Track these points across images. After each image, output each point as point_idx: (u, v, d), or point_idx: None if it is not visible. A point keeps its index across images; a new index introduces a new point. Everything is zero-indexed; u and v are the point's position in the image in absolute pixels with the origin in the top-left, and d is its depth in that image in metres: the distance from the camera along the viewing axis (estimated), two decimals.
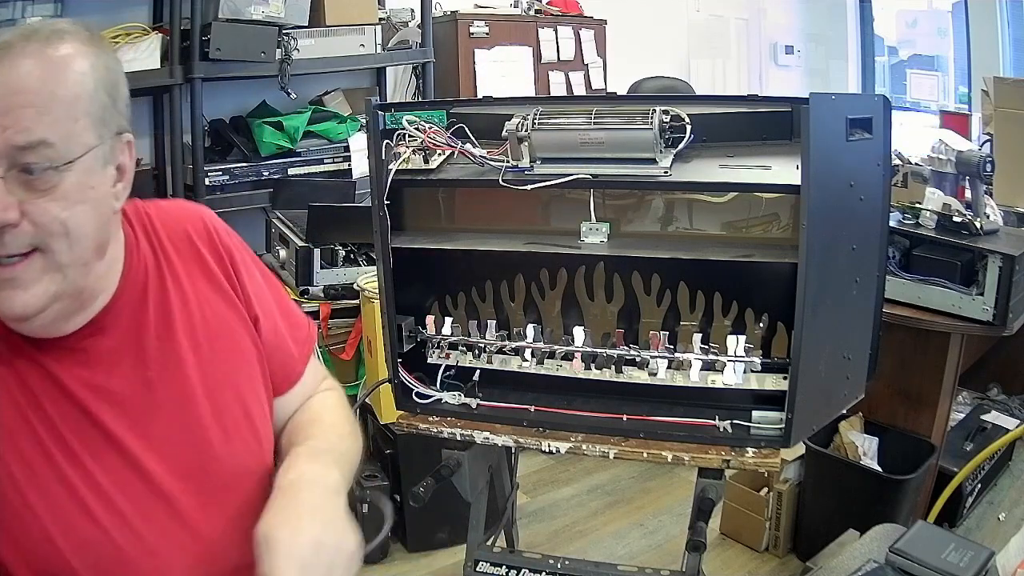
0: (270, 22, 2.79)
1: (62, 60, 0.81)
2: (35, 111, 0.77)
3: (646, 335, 1.49)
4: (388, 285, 1.49)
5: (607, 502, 2.77)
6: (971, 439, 2.53)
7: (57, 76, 0.80)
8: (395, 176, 1.44)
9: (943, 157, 2.17)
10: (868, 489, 2.21)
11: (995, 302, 1.95)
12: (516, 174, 1.39)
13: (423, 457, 2.11)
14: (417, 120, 1.44)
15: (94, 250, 0.86)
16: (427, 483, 1.48)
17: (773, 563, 2.41)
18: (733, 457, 1.37)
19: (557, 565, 1.52)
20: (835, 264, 1.32)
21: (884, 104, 1.37)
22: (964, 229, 2.04)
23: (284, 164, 2.95)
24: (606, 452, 1.42)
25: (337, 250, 2.52)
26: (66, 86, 0.80)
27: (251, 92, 3.07)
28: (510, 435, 1.47)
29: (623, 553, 2.48)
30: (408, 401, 1.55)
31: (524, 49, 3.70)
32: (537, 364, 1.53)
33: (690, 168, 1.34)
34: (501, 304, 1.61)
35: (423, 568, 2.43)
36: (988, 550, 1.28)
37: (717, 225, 1.47)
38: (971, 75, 4.77)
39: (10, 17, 2.56)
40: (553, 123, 1.37)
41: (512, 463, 1.88)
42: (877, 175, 1.38)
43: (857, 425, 2.34)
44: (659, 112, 1.32)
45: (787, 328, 1.40)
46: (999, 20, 4.66)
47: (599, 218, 1.44)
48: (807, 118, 1.20)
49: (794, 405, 1.32)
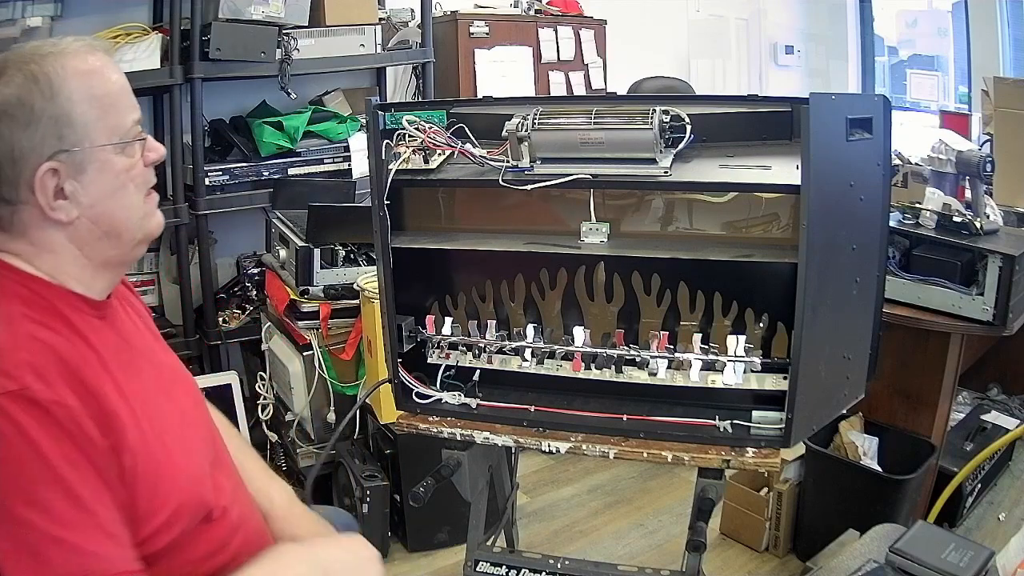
0: (270, 22, 2.78)
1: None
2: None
3: (646, 335, 1.49)
4: (388, 285, 1.49)
5: (607, 502, 2.77)
6: (971, 439, 2.54)
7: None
8: (395, 176, 1.44)
9: (943, 157, 2.17)
10: (868, 489, 2.21)
11: (995, 302, 1.95)
12: (516, 174, 1.39)
13: (423, 457, 2.11)
14: (417, 120, 1.44)
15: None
16: (427, 483, 1.48)
17: (773, 563, 2.41)
18: (733, 457, 1.37)
19: (557, 565, 1.52)
20: (835, 264, 1.32)
21: (884, 104, 1.37)
22: (964, 229, 2.04)
23: (284, 164, 2.95)
24: (606, 452, 1.42)
25: (337, 250, 2.52)
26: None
27: (251, 92, 3.07)
28: (510, 435, 1.48)
29: (623, 553, 2.48)
30: (408, 401, 1.56)
31: (524, 49, 3.70)
32: (537, 364, 1.53)
33: (690, 168, 1.34)
34: (501, 304, 1.61)
35: (423, 568, 2.43)
36: (988, 550, 1.28)
37: (717, 225, 1.47)
38: (971, 75, 4.77)
39: (10, 17, 2.55)
40: (553, 123, 1.37)
41: (512, 463, 1.88)
42: (877, 175, 1.38)
43: (857, 425, 2.34)
44: (659, 112, 1.32)
45: (787, 328, 1.40)
46: (999, 20, 4.66)
47: (599, 218, 1.45)
48: (807, 118, 1.20)
49: (794, 405, 1.32)
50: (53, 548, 0.86)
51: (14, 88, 0.96)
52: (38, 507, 0.86)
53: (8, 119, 0.95)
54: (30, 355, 0.92)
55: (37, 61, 0.97)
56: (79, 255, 1.02)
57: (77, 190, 0.99)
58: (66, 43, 1.01)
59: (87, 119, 0.99)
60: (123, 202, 1.04)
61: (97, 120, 1.00)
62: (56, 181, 0.98)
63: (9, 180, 0.97)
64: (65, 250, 1.01)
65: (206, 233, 2.86)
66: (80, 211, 1.00)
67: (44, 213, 0.98)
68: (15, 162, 0.96)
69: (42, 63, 0.97)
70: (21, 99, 0.95)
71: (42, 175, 0.96)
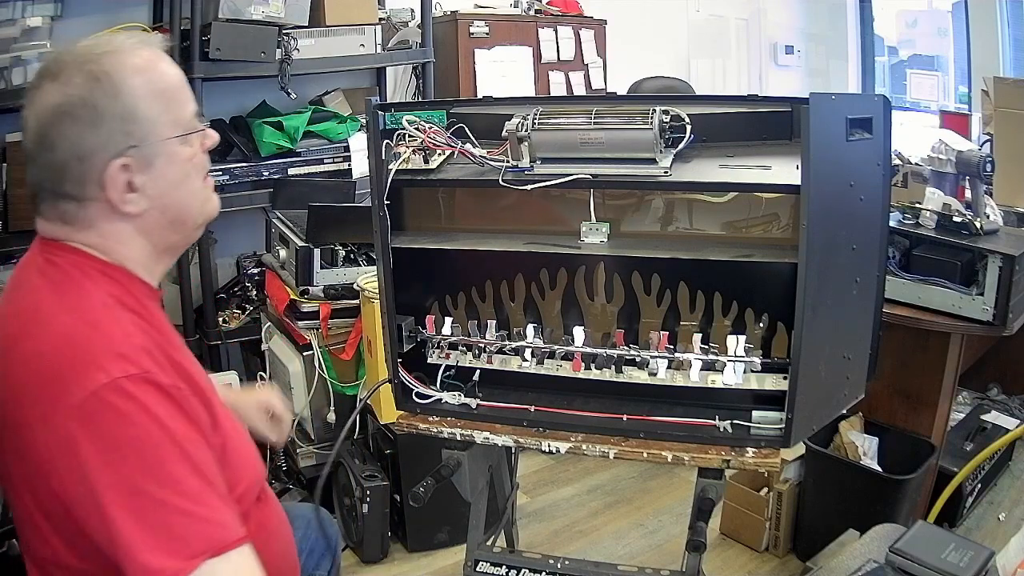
0: (270, 22, 2.78)
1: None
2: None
3: (646, 335, 1.49)
4: (388, 285, 1.49)
5: (607, 502, 2.77)
6: (971, 439, 2.54)
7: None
8: (395, 176, 1.44)
9: (943, 157, 2.17)
10: (868, 489, 2.21)
11: (995, 302, 1.95)
12: (516, 174, 1.39)
13: (423, 457, 2.11)
14: (417, 120, 1.44)
15: None
16: (427, 483, 1.48)
17: (773, 563, 2.41)
18: (733, 457, 1.37)
19: (557, 565, 1.52)
20: (835, 264, 1.32)
21: (884, 104, 1.37)
22: (964, 229, 2.04)
23: (284, 164, 2.95)
24: (606, 452, 1.42)
25: (337, 250, 2.52)
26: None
27: (251, 92, 3.07)
28: (510, 435, 1.48)
29: (623, 553, 2.48)
30: (408, 401, 1.56)
31: (524, 49, 3.70)
32: (537, 364, 1.53)
33: (690, 168, 1.34)
34: (501, 304, 1.61)
35: (423, 568, 2.43)
36: (988, 550, 1.28)
37: (717, 225, 1.47)
38: (971, 75, 4.77)
39: (10, 17, 2.55)
40: (553, 123, 1.37)
41: (512, 463, 1.88)
42: (877, 175, 1.38)
43: (857, 425, 2.34)
44: (659, 112, 1.32)
45: (787, 328, 1.40)
46: (999, 20, 4.66)
47: (599, 218, 1.44)
48: (807, 118, 1.20)
49: (794, 405, 1.32)
50: (184, 522, 0.90)
51: (75, 88, 0.98)
52: (168, 485, 0.90)
53: (71, 119, 0.98)
54: (141, 340, 0.97)
55: (95, 60, 0.99)
56: (146, 243, 1.06)
57: (146, 183, 1.02)
58: (119, 41, 1.04)
59: (152, 114, 1.02)
60: (188, 189, 1.08)
61: (161, 114, 1.03)
62: (126, 176, 1.01)
63: (76, 178, 1.00)
64: (133, 240, 1.05)
65: (206, 233, 2.86)
66: (149, 202, 1.03)
67: (114, 207, 1.01)
68: (82, 160, 0.99)
69: (100, 62, 0.99)
70: (84, 99, 0.97)
71: (113, 172, 0.99)
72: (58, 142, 0.98)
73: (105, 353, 0.93)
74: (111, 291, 1.01)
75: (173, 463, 0.91)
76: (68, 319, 0.97)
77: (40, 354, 0.95)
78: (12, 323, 1.01)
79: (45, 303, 0.99)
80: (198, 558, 0.89)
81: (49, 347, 0.95)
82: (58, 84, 0.98)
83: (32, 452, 0.94)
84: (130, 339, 0.96)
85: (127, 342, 0.95)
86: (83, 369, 0.91)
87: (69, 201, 1.01)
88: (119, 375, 0.91)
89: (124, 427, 0.90)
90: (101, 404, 0.90)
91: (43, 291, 1.00)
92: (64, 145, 0.98)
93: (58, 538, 0.97)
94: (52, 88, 0.98)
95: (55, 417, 0.90)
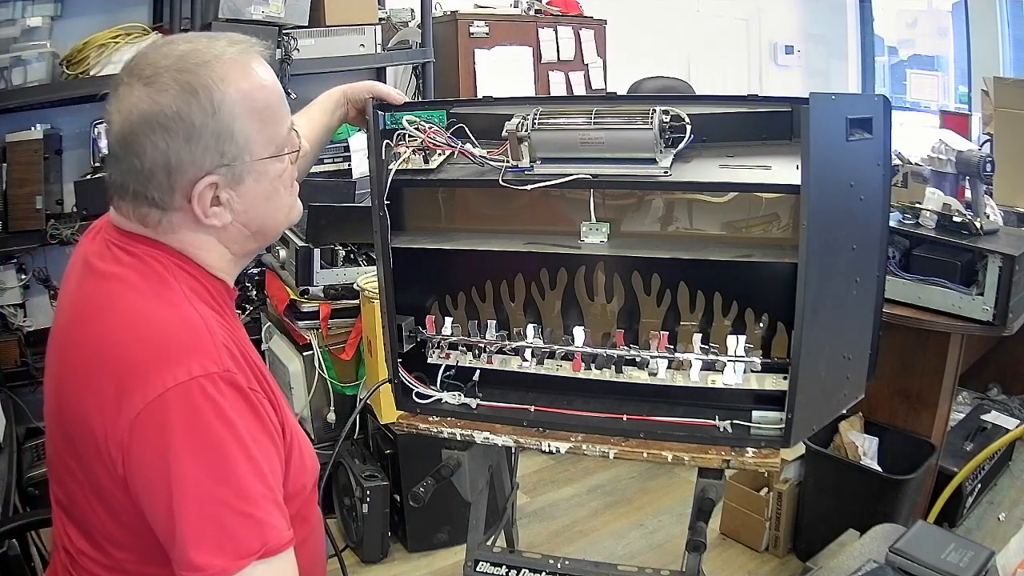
0: (270, 22, 2.79)
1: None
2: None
3: (646, 335, 1.49)
4: (388, 285, 1.49)
5: (607, 502, 2.77)
6: (971, 439, 2.53)
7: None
8: (395, 176, 1.44)
9: (943, 157, 2.17)
10: (868, 489, 2.21)
11: (995, 302, 1.95)
12: (516, 174, 1.39)
13: (423, 457, 2.11)
14: (417, 120, 1.43)
15: None
16: (427, 483, 1.48)
17: (773, 563, 2.41)
18: (733, 457, 1.37)
19: (557, 565, 1.52)
20: (835, 264, 1.32)
21: (884, 104, 1.37)
22: (964, 229, 2.04)
23: None
24: (606, 452, 1.42)
25: (337, 250, 2.52)
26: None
27: None
28: (510, 435, 1.47)
29: (623, 553, 2.48)
30: (408, 401, 1.55)
31: (524, 49, 3.70)
32: (537, 364, 1.52)
33: (690, 168, 1.34)
34: (501, 304, 1.61)
35: (423, 568, 2.43)
36: (988, 550, 1.28)
37: (717, 225, 1.47)
38: (971, 75, 4.77)
39: (10, 17, 2.56)
40: (553, 123, 1.37)
41: (512, 463, 1.88)
42: (877, 175, 1.38)
43: (857, 425, 2.34)
44: (659, 112, 1.32)
45: (787, 328, 1.40)
46: (999, 20, 4.66)
47: (599, 218, 1.44)
48: (807, 118, 1.20)
49: (794, 405, 1.32)
50: (240, 522, 0.90)
51: (170, 99, 0.94)
52: (231, 485, 0.90)
53: (164, 131, 0.94)
54: (223, 337, 0.96)
55: (193, 71, 0.95)
56: (225, 251, 1.05)
57: (232, 198, 1.01)
58: (218, 49, 0.99)
59: (248, 133, 0.99)
60: (274, 205, 1.07)
61: (257, 133, 1.00)
62: (213, 192, 0.99)
63: (163, 187, 0.97)
64: (214, 248, 1.04)
65: None
66: (234, 216, 1.02)
67: (197, 219, 1.00)
68: (171, 172, 0.96)
69: (199, 73, 0.96)
70: (180, 113, 0.94)
71: (201, 188, 0.97)
72: (147, 150, 0.95)
73: (190, 348, 0.92)
74: (192, 286, 1.00)
75: (240, 464, 0.91)
76: (151, 307, 0.95)
77: (119, 341, 0.93)
78: (82, 306, 1.00)
79: (125, 290, 0.97)
80: (245, 559, 0.89)
81: (130, 335, 0.93)
82: (151, 90, 0.94)
83: (98, 432, 0.92)
84: (213, 336, 0.95)
85: (211, 339, 0.94)
86: (166, 361, 0.90)
87: (152, 206, 0.99)
88: (199, 373, 0.91)
89: (201, 424, 0.90)
90: (181, 399, 0.89)
91: (123, 278, 0.98)
92: (153, 155, 0.95)
93: (103, 509, 0.97)
94: (143, 93, 0.94)
95: (131, 404, 0.89)
